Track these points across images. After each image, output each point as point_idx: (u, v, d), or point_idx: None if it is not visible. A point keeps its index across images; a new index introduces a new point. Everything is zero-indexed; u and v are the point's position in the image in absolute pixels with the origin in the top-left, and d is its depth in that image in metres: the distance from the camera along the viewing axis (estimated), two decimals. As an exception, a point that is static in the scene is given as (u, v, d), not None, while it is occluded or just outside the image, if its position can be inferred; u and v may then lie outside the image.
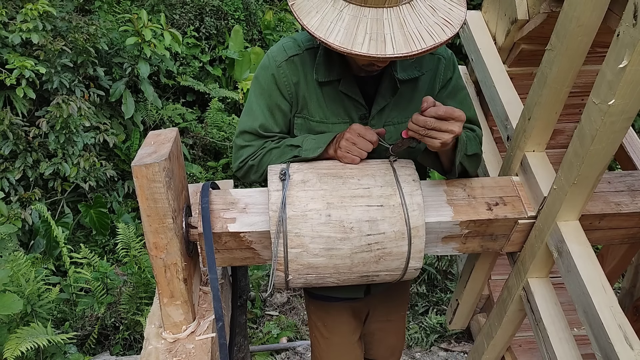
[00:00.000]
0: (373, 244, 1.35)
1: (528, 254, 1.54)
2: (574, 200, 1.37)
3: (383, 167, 1.44)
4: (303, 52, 1.54)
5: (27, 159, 3.74)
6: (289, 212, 1.33)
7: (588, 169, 1.29)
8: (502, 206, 1.50)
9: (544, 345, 1.46)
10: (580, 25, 1.28)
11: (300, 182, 1.38)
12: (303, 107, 1.57)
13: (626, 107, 1.15)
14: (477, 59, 1.97)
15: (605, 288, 1.28)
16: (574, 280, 1.34)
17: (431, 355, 3.47)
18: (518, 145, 1.59)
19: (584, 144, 1.26)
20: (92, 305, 3.28)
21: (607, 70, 1.14)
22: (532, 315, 1.52)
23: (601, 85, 1.17)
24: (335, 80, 1.53)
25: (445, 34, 1.26)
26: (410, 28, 1.24)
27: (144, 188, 1.25)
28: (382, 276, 1.43)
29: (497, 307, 1.74)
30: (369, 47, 1.21)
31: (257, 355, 3.34)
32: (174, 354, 1.38)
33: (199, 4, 5.09)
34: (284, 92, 1.55)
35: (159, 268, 1.36)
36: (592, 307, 1.25)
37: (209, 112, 4.83)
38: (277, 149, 1.55)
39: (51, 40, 3.67)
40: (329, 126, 1.57)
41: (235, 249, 1.45)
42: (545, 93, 1.42)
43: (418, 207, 1.36)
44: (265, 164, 1.55)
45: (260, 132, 1.58)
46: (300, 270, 1.37)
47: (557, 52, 1.35)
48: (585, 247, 1.38)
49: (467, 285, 1.94)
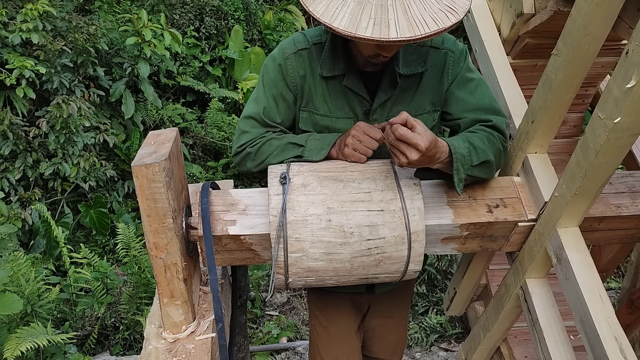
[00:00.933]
0: (373, 248, 1.35)
1: (527, 256, 1.54)
2: (575, 209, 1.37)
3: (384, 169, 1.43)
4: (311, 47, 1.56)
5: (27, 159, 3.74)
6: (289, 216, 1.33)
7: (590, 180, 1.28)
8: (503, 208, 1.50)
9: (539, 346, 1.46)
10: (588, 34, 1.25)
11: (300, 185, 1.38)
12: (308, 100, 1.58)
13: (632, 125, 1.14)
14: (480, 50, 1.95)
15: (603, 298, 1.29)
16: (571, 288, 1.35)
17: (431, 355, 3.47)
18: (520, 146, 1.58)
19: (588, 157, 1.25)
20: (92, 305, 3.28)
21: (615, 87, 1.12)
22: (529, 315, 1.52)
23: (607, 102, 1.15)
24: (340, 75, 1.54)
25: (449, 20, 1.26)
26: (414, 14, 1.24)
27: (144, 188, 1.25)
28: (382, 278, 1.43)
29: (494, 302, 1.74)
30: (372, 31, 1.22)
31: (257, 355, 3.34)
32: (174, 354, 1.38)
33: (199, 4, 5.08)
34: (290, 83, 1.57)
35: (159, 268, 1.36)
36: (589, 317, 1.26)
37: (209, 112, 4.83)
38: (278, 143, 1.55)
39: (51, 40, 3.66)
40: (333, 120, 1.58)
41: (235, 250, 1.45)
42: (550, 98, 1.41)
43: (418, 212, 1.36)
44: (264, 154, 1.56)
45: (264, 118, 1.59)
46: (300, 273, 1.37)
47: (564, 59, 1.33)
48: (584, 255, 1.38)
49: (465, 275, 1.94)
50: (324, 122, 1.58)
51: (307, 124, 1.61)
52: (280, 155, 1.53)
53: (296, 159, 1.50)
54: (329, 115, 1.58)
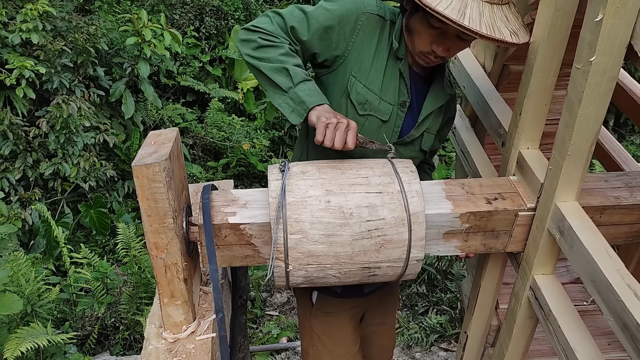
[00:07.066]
0: (373, 230, 1.35)
1: (532, 249, 1.54)
2: (569, 175, 1.38)
3: (381, 161, 1.46)
4: (387, 21, 1.58)
5: (27, 159, 3.74)
6: (289, 198, 1.34)
7: (579, 137, 1.31)
8: (501, 200, 1.51)
9: (556, 338, 1.43)
10: (558, 10, 1.35)
11: (299, 172, 1.40)
12: (361, 68, 1.56)
13: (608, 65, 1.20)
14: (468, 84, 2.04)
15: (610, 254, 1.27)
16: (578, 252, 1.33)
17: (431, 355, 3.47)
18: (512, 144, 1.61)
19: (573, 112, 1.29)
20: (92, 305, 3.28)
21: (586, 32, 1.20)
22: (542, 311, 1.50)
23: (582, 49, 1.22)
24: (399, 59, 1.58)
25: (518, 38, 1.39)
26: (491, 20, 1.37)
27: (145, 188, 1.25)
28: (384, 269, 1.42)
29: (505, 322, 1.72)
30: (450, 12, 1.31)
31: (257, 355, 3.34)
32: (174, 354, 1.38)
33: (199, 4, 5.09)
34: (349, 34, 1.53)
35: (159, 268, 1.36)
36: (599, 272, 1.23)
37: (209, 112, 4.84)
38: (281, 58, 1.44)
39: (51, 40, 3.67)
40: (378, 100, 1.58)
41: (235, 244, 1.44)
42: (533, 84, 1.47)
43: (417, 194, 1.37)
44: (264, 53, 1.46)
45: (292, 32, 1.50)
46: (300, 259, 1.36)
47: (540, 41, 1.41)
48: (586, 222, 1.37)
49: (474, 312, 1.92)
50: (370, 97, 1.57)
51: (352, 90, 1.56)
52: (271, 72, 1.44)
53: (281, 93, 1.43)
54: (378, 94, 1.57)
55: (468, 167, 2.10)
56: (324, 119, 1.35)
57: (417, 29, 1.49)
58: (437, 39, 1.46)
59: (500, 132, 1.74)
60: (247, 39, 1.49)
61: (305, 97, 1.40)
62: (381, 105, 1.58)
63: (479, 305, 1.90)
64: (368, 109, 1.57)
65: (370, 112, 1.58)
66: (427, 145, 1.71)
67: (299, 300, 1.96)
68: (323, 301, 1.86)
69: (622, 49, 1.18)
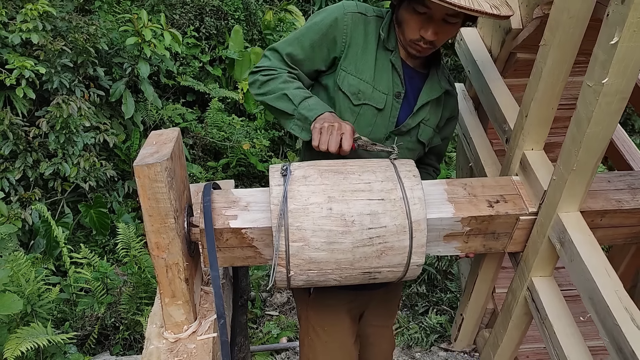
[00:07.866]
0: (374, 237, 1.35)
1: (531, 252, 1.54)
2: (573, 188, 1.37)
3: (383, 164, 1.45)
4: (370, 17, 1.66)
5: (27, 159, 3.73)
6: (290, 205, 1.33)
7: (586, 153, 1.29)
8: (503, 203, 1.51)
9: (551, 342, 1.44)
10: (572, 17, 1.32)
11: (301, 177, 1.39)
12: (351, 62, 1.63)
13: (620, 87, 1.17)
14: (473, 69, 2.01)
15: (610, 273, 1.27)
16: (577, 267, 1.33)
17: (431, 355, 3.47)
18: (517, 144, 1.59)
19: (581, 128, 1.27)
20: (92, 305, 3.28)
21: (599, 51, 1.16)
22: (538, 314, 1.51)
23: (594, 67, 1.18)
24: (389, 50, 1.64)
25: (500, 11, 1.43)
26: None
27: (146, 188, 1.25)
28: (384, 273, 1.42)
29: (501, 314, 1.73)
30: None
31: (257, 355, 3.34)
32: (176, 353, 1.38)
33: (199, 4, 5.08)
34: (339, 37, 1.62)
35: (160, 268, 1.36)
36: (597, 291, 1.23)
37: (209, 112, 4.83)
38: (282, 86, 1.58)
39: (51, 40, 3.66)
40: (371, 89, 1.63)
41: (236, 246, 1.45)
42: (540, 88, 1.45)
43: (419, 201, 1.36)
44: (268, 86, 1.61)
45: (289, 61, 1.65)
46: (301, 265, 1.36)
47: (551, 46, 1.39)
48: (587, 235, 1.37)
49: (471, 298, 1.92)
50: (362, 86, 1.63)
51: (343, 83, 1.64)
52: (276, 101, 1.58)
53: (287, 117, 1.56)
54: (370, 83, 1.63)
55: (470, 152, 2.08)
56: (318, 124, 1.45)
57: (405, 19, 1.57)
58: (424, 24, 1.53)
59: (505, 129, 1.72)
60: (253, 81, 1.66)
61: (307, 112, 1.53)
62: (375, 94, 1.63)
63: (476, 292, 1.90)
64: (362, 97, 1.63)
65: (364, 100, 1.64)
66: (424, 137, 1.73)
67: (296, 290, 1.97)
68: (320, 292, 1.86)
69: (636, 71, 1.15)
